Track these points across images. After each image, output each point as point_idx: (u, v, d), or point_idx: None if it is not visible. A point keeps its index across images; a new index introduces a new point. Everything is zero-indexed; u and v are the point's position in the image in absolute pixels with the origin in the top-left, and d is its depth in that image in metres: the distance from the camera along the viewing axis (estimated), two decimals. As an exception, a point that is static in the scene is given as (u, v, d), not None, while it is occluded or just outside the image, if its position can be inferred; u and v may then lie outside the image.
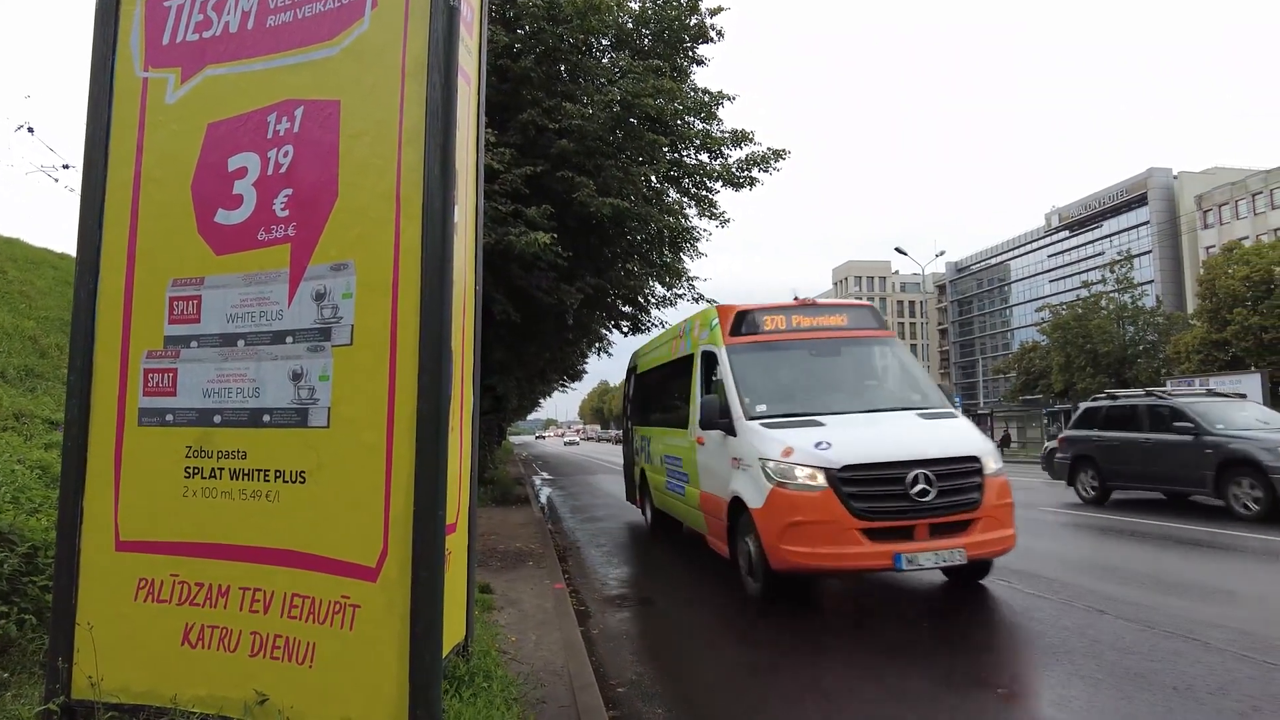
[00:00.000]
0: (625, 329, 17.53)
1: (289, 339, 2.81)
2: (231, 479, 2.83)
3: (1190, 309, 50.40)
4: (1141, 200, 76.55)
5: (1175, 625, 4.74)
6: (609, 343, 22.30)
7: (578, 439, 75.58)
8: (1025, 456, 35.50)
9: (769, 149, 13.28)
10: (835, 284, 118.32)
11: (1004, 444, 39.65)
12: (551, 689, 3.82)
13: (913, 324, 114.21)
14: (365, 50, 2.79)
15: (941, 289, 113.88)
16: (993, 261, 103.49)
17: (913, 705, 3.57)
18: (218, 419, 2.90)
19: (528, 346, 16.33)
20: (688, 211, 14.41)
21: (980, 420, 43.36)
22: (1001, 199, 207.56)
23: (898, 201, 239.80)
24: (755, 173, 13.47)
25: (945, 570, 5.48)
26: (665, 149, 13.31)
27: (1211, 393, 28.78)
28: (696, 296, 15.57)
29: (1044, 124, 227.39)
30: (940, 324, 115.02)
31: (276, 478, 2.76)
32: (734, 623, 5.18)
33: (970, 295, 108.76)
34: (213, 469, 2.86)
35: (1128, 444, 11.78)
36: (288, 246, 2.84)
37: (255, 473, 2.80)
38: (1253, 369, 33.08)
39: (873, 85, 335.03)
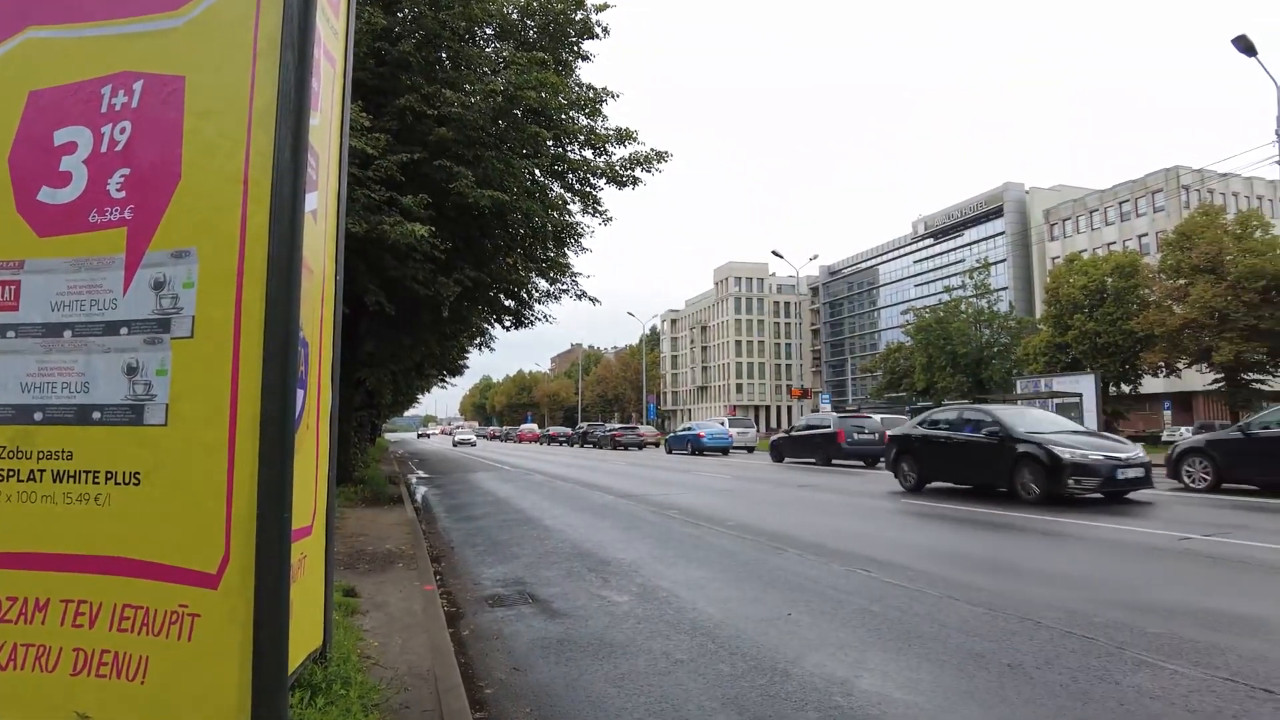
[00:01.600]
0: (507, 323, 17.31)
1: (123, 330, 2.59)
2: (54, 481, 2.58)
3: (1038, 314, 54.50)
4: (998, 212, 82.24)
5: (1013, 607, 5.11)
6: (490, 337, 21.98)
7: (473, 436, 60.62)
8: (889, 451, 37.46)
9: (652, 149, 13.43)
10: (716, 284, 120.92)
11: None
12: (416, 693, 3.71)
13: (788, 324, 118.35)
14: (214, 23, 2.60)
15: (815, 291, 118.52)
16: (863, 266, 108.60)
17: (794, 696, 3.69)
18: (39, 416, 2.64)
19: (403, 339, 15.83)
20: (571, 207, 14.35)
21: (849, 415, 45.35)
22: (874, 206, 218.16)
23: (777, 205, 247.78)
24: (638, 172, 13.59)
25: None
26: (549, 142, 13.22)
27: (1054, 392, 31.41)
28: (580, 293, 15.56)
29: (916, 135, 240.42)
30: (814, 324, 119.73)
31: (107, 479, 2.54)
32: (596, 618, 5.19)
33: (841, 298, 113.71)
34: (31, 471, 2.60)
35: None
36: (124, 230, 2.62)
37: (82, 474, 2.56)
38: (1088, 370, 36.16)
39: (753, 91, 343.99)
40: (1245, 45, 20.56)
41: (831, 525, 9.87)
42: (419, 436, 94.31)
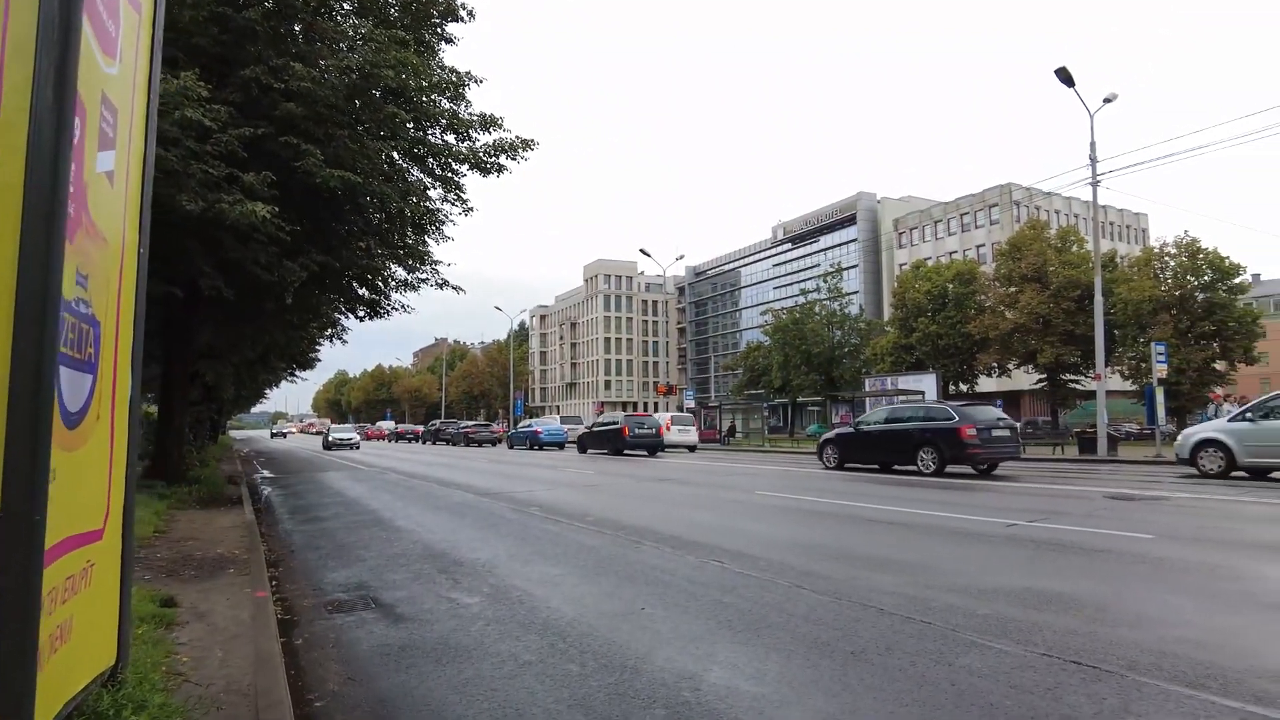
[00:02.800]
0: (362, 313, 16.50)
1: None
2: None
3: (886, 317, 57.79)
4: (851, 220, 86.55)
5: (858, 595, 5.28)
6: (343, 328, 20.91)
7: (355, 437, 43.37)
8: (748, 446, 38.75)
9: (517, 137, 13.13)
10: (586, 280, 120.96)
11: (730, 433, 42.88)
12: (232, 711, 3.37)
13: (656, 323, 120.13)
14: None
15: (682, 291, 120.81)
16: (726, 268, 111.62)
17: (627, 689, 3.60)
18: None
19: (245, 328, 14.79)
20: (431, 193, 13.84)
21: (710, 411, 46.54)
22: (738, 211, 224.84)
23: (645, 205, 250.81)
24: (504, 160, 13.26)
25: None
26: (409, 125, 12.68)
27: (899, 390, 34.04)
28: (441, 282, 15.03)
29: (780, 143, 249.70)
30: (679, 323, 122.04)
31: None
32: (442, 622, 4.96)
33: (706, 298, 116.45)
34: None
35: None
36: None
37: None
38: (930, 370, 38.64)
39: (624, 90, 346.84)
40: (1065, 77, 22.52)
41: (689, 518, 9.97)
42: (273, 435, 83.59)
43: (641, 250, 44.49)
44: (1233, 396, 44.18)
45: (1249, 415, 14.91)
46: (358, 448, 40.16)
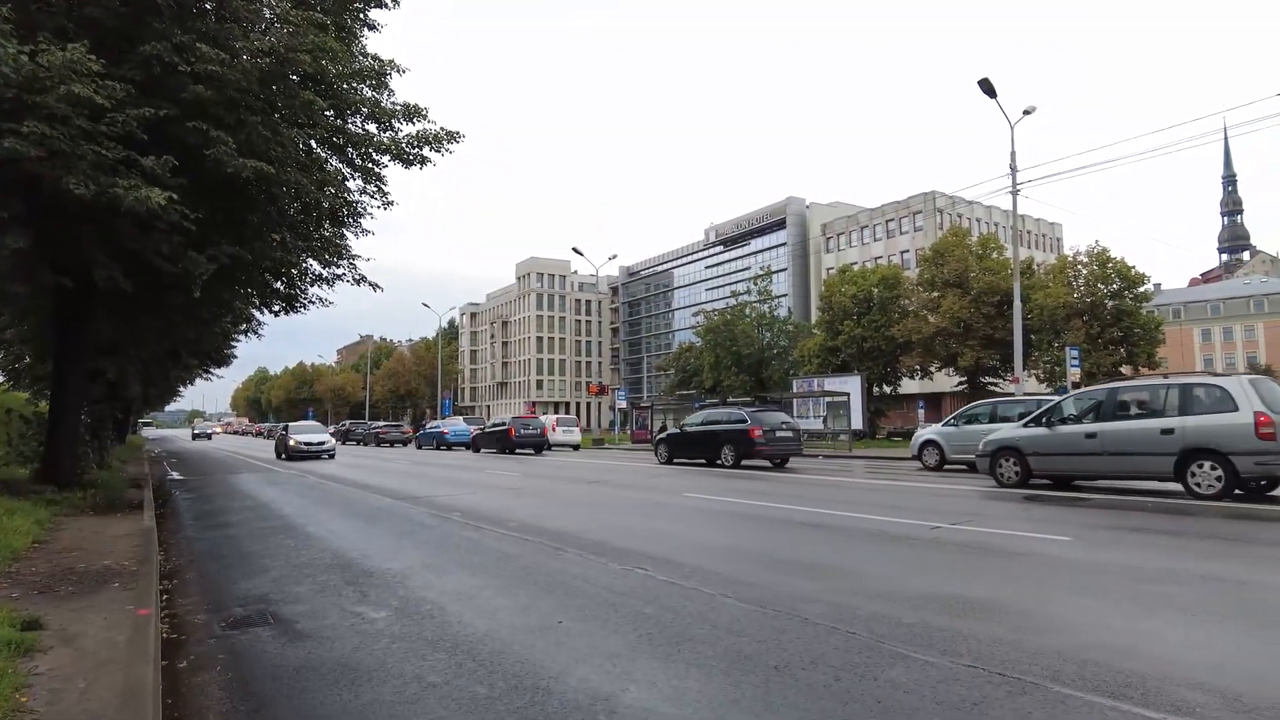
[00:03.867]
0: (277, 308, 15.76)
1: None
2: None
3: (814, 320, 58.76)
4: (781, 224, 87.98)
5: (783, 603, 5.14)
6: (258, 323, 20.03)
7: (330, 441, 30.02)
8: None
9: (442, 129, 12.72)
10: (518, 278, 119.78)
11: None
12: (89, 753, 3.00)
13: (589, 322, 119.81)
14: None
15: (615, 290, 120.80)
16: (660, 268, 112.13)
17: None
18: None
19: (148, 322, 13.94)
20: (350, 184, 13.29)
21: (643, 411, 46.49)
22: (672, 210, 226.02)
23: (579, 204, 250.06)
24: (428, 151, 12.82)
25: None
26: (327, 113, 12.12)
27: (825, 391, 34.92)
28: (359, 278, 14.44)
29: (714, 144, 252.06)
30: (613, 323, 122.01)
31: None
32: (345, 639, 4.63)
33: (640, 298, 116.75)
34: None
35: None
36: None
37: None
38: (855, 372, 39.39)
39: (559, 87, 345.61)
40: (988, 88, 23.15)
41: (615, 522, 9.76)
42: (195, 437, 73.50)
43: (574, 249, 44.22)
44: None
45: (953, 422, 18.83)
46: (333, 455, 28.31)
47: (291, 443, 27.78)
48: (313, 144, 12.61)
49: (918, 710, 3.28)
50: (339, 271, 14.18)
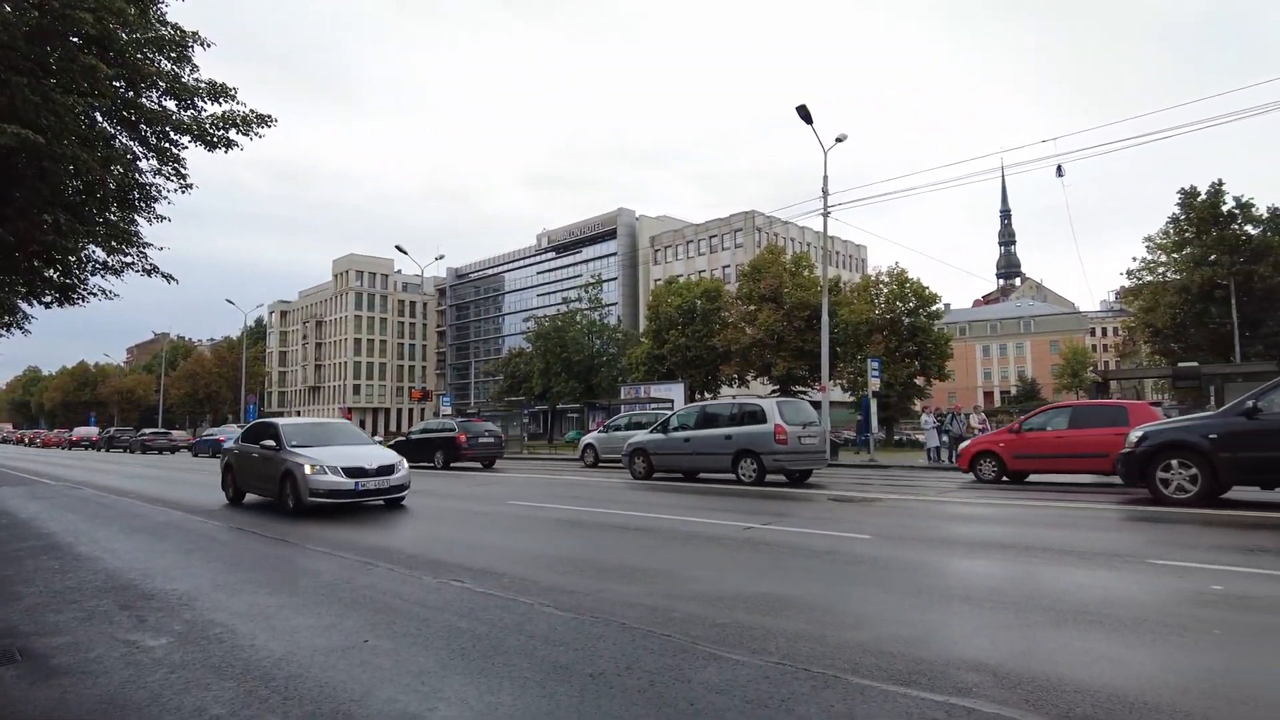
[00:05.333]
0: (49, 299, 13.96)
1: None
2: None
3: (642, 328, 60.00)
4: (613, 234, 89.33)
5: (601, 609, 5.13)
6: (25, 316, 17.61)
7: (396, 464, 11.65)
8: (507, 453, 38.21)
9: (251, 111, 11.81)
10: (336, 276, 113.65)
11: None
12: None
13: (413, 324, 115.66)
14: None
15: (442, 292, 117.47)
16: (490, 272, 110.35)
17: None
18: None
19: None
20: (143, 164, 12.02)
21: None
22: (503, 213, 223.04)
23: (405, 199, 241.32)
24: (235, 134, 11.83)
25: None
26: (116, 83, 10.89)
27: (652, 398, 36.08)
28: (150, 268, 13.05)
29: (546, 146, 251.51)
30: (439, 326, 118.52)
31: None
32: (113, 673, 4.12)
33: (468, 301, 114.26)
34: None
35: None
36: None
37: None
38: (680, 379, 40.60)
39: (385, 74, 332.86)
40: (805, 114, 24.65)
41: (432, 533, 9.43)
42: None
43: (398, 247, 42.29)
44: (970, 406, 50.88)
45: (603, 430, 24.62)
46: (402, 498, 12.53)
47: (307, 470, 11.06)
48: (97, 116, 11.30)
49: (728, 710, 3.35)
50: (127, 260, 12.77)
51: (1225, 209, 41.57)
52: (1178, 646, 4.21)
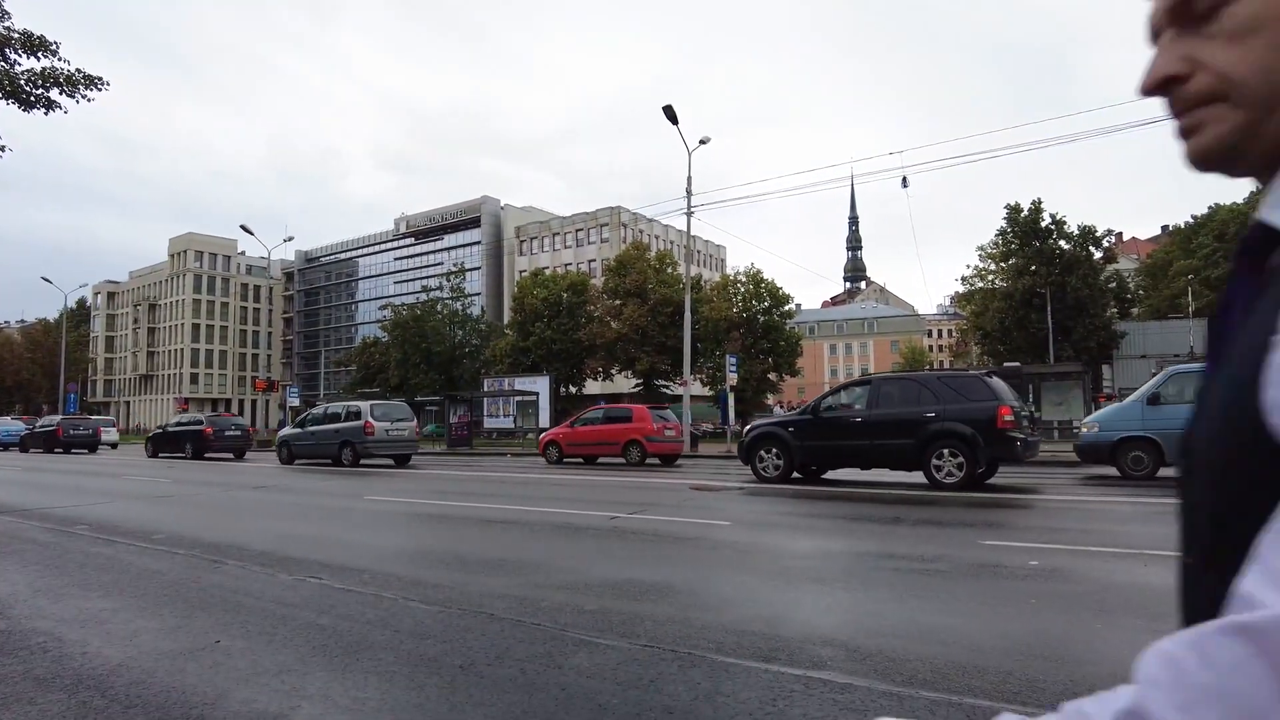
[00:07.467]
0: None
1: None
2: None
3: (506, 320, 59.26)
4: (476, 222, 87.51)
5: (469, 601, 5.07)
6: None
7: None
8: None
9: (79, 70, 10.77)
10: (172, 256, 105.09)
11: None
12: None
13: (257, 310, 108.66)
14: None
15: (290, 277, 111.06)
16: (342, 256, 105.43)
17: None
18: None
19: None
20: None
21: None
22: (358, 196, 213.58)
23: (251, 177, 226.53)
24: (56, 95, 10.74)
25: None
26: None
27: (516, 391, 35.40)
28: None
29: (406, 129, 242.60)
30: (286, 312, 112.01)
31: None
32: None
33: (318, 286, 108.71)
34: None
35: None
36: None
37: None
38: (545, 373, 40.45)
39: (234, 43, 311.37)
40: (671, 115, 25.16)
41: (287, 531, 8.96)
42: None
43: (243, 227, 39.67)
44: (790, 401, 53.28)
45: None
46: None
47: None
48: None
49: (600, 693, 3.43)
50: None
51: (1044, 224, 45.95)
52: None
